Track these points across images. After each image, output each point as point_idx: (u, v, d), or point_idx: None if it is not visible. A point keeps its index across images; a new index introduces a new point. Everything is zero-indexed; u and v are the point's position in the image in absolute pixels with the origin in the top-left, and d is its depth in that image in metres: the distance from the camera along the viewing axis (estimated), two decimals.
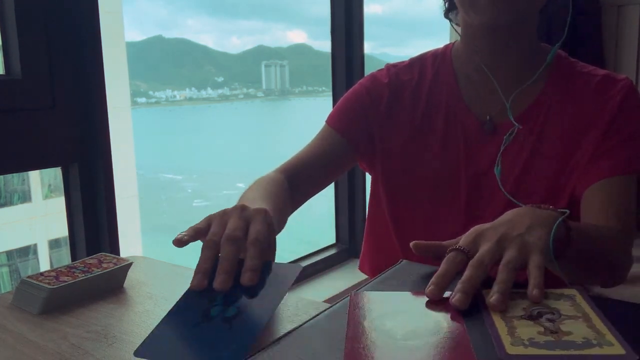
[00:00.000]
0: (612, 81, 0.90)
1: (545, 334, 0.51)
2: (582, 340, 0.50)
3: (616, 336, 0.50)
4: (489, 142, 0.92)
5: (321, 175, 0.98)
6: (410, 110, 0.97)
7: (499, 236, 0.62)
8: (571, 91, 0.91)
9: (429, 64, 0.99)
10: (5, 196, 6.69)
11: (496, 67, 0.92)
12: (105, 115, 1.20)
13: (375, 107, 0.98)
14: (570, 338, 0.50)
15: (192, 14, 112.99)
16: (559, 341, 0.50)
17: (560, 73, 0.93)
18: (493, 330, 0.52)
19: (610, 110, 0.87)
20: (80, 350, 0.62)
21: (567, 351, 0.48)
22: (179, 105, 22.89)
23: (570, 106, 0.90)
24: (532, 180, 0.90)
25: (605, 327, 0.52)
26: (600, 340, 0.50)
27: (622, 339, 0.49)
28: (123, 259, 0.82)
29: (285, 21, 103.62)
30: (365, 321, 0.56)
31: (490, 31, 0.90)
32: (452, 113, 0.94)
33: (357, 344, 0.51)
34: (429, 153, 0.95)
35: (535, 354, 0.48)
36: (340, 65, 1.99)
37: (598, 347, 0.49)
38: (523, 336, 0.51)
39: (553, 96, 0.91)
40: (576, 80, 0.92)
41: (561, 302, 0.56)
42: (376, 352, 0.50)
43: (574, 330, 0.51)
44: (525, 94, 0.92)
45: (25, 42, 1.09)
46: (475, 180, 0.92)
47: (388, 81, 0.98)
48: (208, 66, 28.82)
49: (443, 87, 0.96)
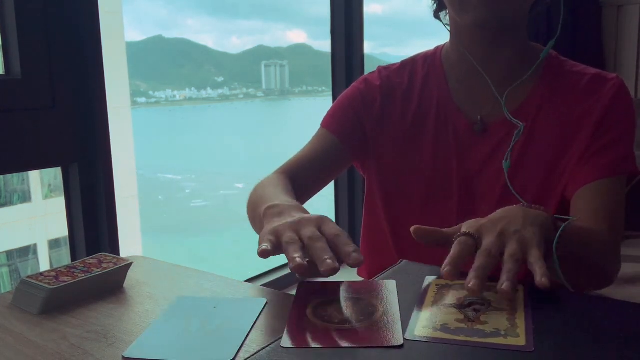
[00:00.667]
0: (602, 80, 0.90)
1: (462, 322, 0.55)
2: (491, 330, 0.53)
3: (527, 330, 0.53)
4: (480, 142, 0.92)
5: (319, 176, 1.00)
6: (402, 112, 0.97)
7: (499, 231, 0.64)
8: (561, 90, 0.91)
9: (420, 66, 1.00)
10: (5, 196, 6.70)
11: (487, 67, 0.92)
12: (105, 115, 1.20)
13: (368, 110, 0.98)
14: (482, 327, 0.54)
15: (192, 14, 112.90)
16: (469, 329, 0.53)
17: (551, 72, 0.93)
18: (415, 314, 0.57)
19: (600, 109, 0.87)
20: (80, 350, 0.62)
21: (470, 338, 0.52)
22: (179, 105, 22.89)
23: (560, 106, 0.90)
24: (523, 180, 0.90)
25: (524, 321, 0.54)
26: (509, 332, 0.53)
27: (532, 333, 0.52)
28: (123, 259, 0.82)
29: (285, 21, 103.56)
30: (307, 308, 0.60)
31: (480, 31, 0.90)
32: (443, 113, 0.95)
33: (296, 328, 0.56)
34: (421, 154, 0.95)
35: (437, 337, 0.52)
36: (340, 65, 1.99)
37: (502, 337, 0.52)
38: (439, 321, 0.55)
39: (544, 95, 0.91)
40: (567, 79, 0.92)
41: (499, 295, 0.60)
42: (311, 335, 0.55)
43: (490, 321, 0.55)
44: (516, 92, 0.92)
45: (25, 42, 1.09)
46: (468, 180, 0.93)
47: (380, 84, 0.99)
48: (208, 66, 28.82)
49: (434, 88, 0.97)
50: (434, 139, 0.95)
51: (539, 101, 0.91)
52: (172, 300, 0.72)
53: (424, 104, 0.96)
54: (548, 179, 0.89)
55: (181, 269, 0.86)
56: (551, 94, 0.91)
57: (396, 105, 0.98)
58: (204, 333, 0.62)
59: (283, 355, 0.52)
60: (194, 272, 0.84)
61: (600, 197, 0.85)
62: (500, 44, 0.91)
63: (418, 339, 0.52)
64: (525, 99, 0.92)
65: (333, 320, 0.57)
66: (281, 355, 0.52)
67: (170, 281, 0.81)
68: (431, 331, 0.53)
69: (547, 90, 0.91)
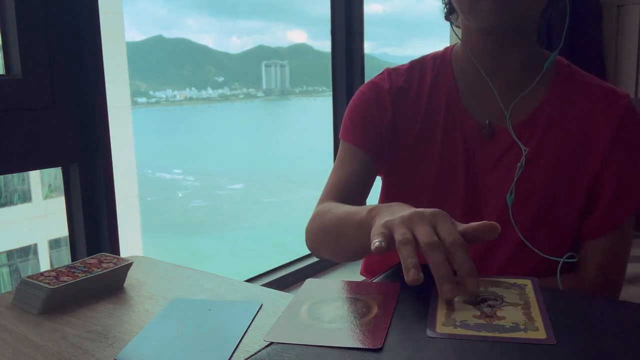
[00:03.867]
0: (612, 97, 0.89)
1: (480, 317, 0.55)
2: (510, 325, 0.53)
3: (545, 323, 0.53)
4: (488, 146, 0.92)
5: (359, 198, 0.98)
6: (412, 114, 0.97)
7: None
8: (571, 104, 0.90)
9: (429, 67, 0.99)
10: (5, 196, 6.70)
11: (495, 73, 0.91)
12: (105, 115, 1.19)
13: (382, 116, 0.97)
14: (500, 322, 0.54)
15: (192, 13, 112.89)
16: (488, 324, 0.54)
17: (561, 82, 0.92)
18: (432, 311, 0.56)
19: (610, 133, 0.87)
20: (80, 350, 0.62)
21: (491, 333, 0.52)
22: (179, 105, 22.87)
23: (569, 120, 0.89)
24: (526, 193, 0.89)
25: (540, 315, 0.55)
26: (528, 326, 0.53)
27: (550, 327, 0.52)
28: (123, 259, 0.82)
29: (285, 21, 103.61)
30: (304, 305, 0.60)
31: (489, 36, 0.89)
32: (452, 115, 0.94)
33: (286, 322, 0.57)
34: (429, 156, 0.95)
35: (459, 334, 0.52)
36: (340, 65, 1.99)
37: (523, 331, 0.52)
38: (457, 318, 0.55)
39: (554, 106, 0.90)
40: (577, 92, 0.91)
41: (510, 291, 0.60)
42: (296, 331, 0.55)
43: (507, 316, 0.55)
44: (526, 101, 0.91)
45: (25, 42, 1.09)
46: (473, 183, 0.92)
47: (389, 87, 0.98)
48: (208, 66, 28.78)
49: (443, 89, 0.96)
50: (442, 141, 0.94)
51: (548, 111, 0.90)
52: (167, 302, 0.72)
53: (433, 106, 0.96)
54: (553, 193, 0.89)
55: (181, 268, 0.86)
56: (561, 106, 0.90)
57: (406, 107, 0.97)
58: (197, 336, 0.62)
59: (283, 355, 0.52)
60: (193, 272, 0.84)
61: (608, 249, 0.89)
62: (508, 50, 0.90)
63: (440, 336, 0.52)
64: (535, 108, 0.90)
65: (322, 319, 0.57)
66: (281, 355, 0.52)
67: (170, 281, 0.81)
68: (451, 328, 0.53)
69: (557, 101, 0.90)
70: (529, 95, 0.91)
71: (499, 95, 0.91)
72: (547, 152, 0.89)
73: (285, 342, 0.53)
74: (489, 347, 0.50)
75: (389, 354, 0.50)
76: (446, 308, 0.57)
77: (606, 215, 0.88)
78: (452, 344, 0.51)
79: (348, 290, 0.65)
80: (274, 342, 0.53)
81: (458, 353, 0.50)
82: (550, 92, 0.91)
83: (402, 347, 0.51)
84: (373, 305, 0.60)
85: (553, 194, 0.89)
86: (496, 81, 0.92)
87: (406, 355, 0.50)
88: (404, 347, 0.51)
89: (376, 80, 1.00)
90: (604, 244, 0.89)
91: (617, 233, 0.89)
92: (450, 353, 0.50)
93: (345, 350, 0.51)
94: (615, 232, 0.88)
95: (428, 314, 0.57)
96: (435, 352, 0.50)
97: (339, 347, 0.52)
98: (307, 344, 0.53)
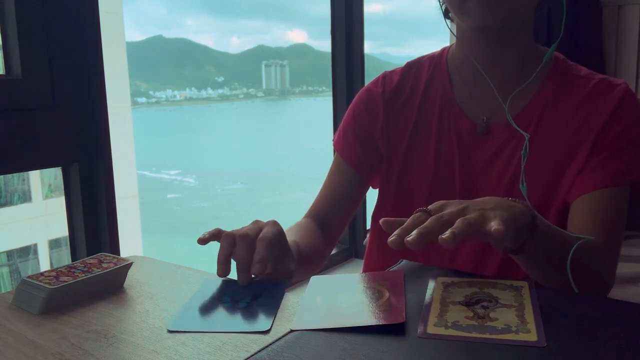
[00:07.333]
0: (607, 86, 0.88)
1: (472, 318, 0.55)
2: (502, 327, 0.53)
3: (538, 326, 0.53)
4: (483, 144, 0.92)
5: (344, 213, 1.03)
6: (406, 115, 0.97)
7: (464, 205, 0.65)
8: (566, 95, 0.90)
9: (425, 68, 0.99)
10: (5, 196, 6.71)
11: (491, 69, 0.92)
12: (105, 115, 1.19)
13: (374, 122, 0.99)
14: (492, 324, 0.54)
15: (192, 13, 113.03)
16: (480, 325, 0.54)
17: (556, 76, 0.92)
18: (425, 311, 0.57)
19: (605, 116, 0.86)
20: (80, 350, 0.62)
21: (482, 335, 0.52)
22: (179, 105, 22.89)
23: (564, 111, 0.89)
24: (528, 182, 0.89)
25: (533, 317, 0.55)
26: (519, 327, 0.53)
27: (542, 329, 0.52)
28: (123, 259, 0.82)
29: (285, 21, 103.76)
30: (317, 297, 0.64)
31: (482, 34, 0.89)
32: (445, 115, 0.95)
33: (307, 312, 0.59)
34: (424, 155, 0.95)
35: (449, 334, 0.52)
36: (340, 65, 1.99)
37: (514, 333, 0.52)
38: (449, 319, 0.55)
39: (547, 100, 0.90)
40: (572, 84, 0.91)
41: (506, 292, 0.61)
42: (320, 317, 0.58)
43: (500, 317, 0.55)
44: (520, 95, 0.91)
45: (25, 42, 1.09)
46: (470, 182, 0.92)
47: (382, 91, 0.99)
48: (208, 66, 28.81)
49: (437, 89, 0.97)
50: (437, 140, 0.94)
51: (542, 106, 0.90)
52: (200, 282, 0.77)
53: (426, 105, 0.96)
54: (551, 184, 0.88)
55: (181, 268, 0.86)
56: (555, 99, 0.90)
57: (399, 109, 0.98)
58: (237, 308, 0.67)
59: (283, 355, 0.52)
60: (194, 272, 0.84)
61: (599, 207, 0.83)
62: (503, 46, 0.90)
63: (431, 337, 0.52)
64: (529, 103, 0.91)
65: (341, 305, 0.60)
66: (281, 355, 0.52)
67: (170, 281, 0.81)
68: (443, 329, 0.53)
69: (551, 95, 0.90)
70: (524, 89, 0.91)
71: (497, 89, 0.91)
72: (544, 140, 0.89)
73: (312, 328, 0.55)
74: (478, 348, 0.50)
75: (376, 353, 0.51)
76: (439, 309, 0.58)
77: (595, 170, 0.85)
78: (441, 345, 0.51)
79: (356, 281, 0.67)
80: (301, 330, 0.56)
81: (444, 354, 0.50)
82: (545, 86, 0.91)
83: (390, 346, 0.52)
84: (383, 290, 0.63)
85: (554, 180, 0.88)
86: (493, 76, 0.92)
87: (393, 355, 0.50)
88: (391, 346, 0.52)
89: (370, 87, 1.02)
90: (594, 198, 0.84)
91: (608, 196, 0.84)
92: (435, 354, 0.50)
93: (345, 348, 0.52)
94: (606, 195, 0.84)
95: (421, 313, 0.57)
96: (421, 353, 0.50)
97: (365, 325, 0.54)
98: (334, 326, 0.55)
